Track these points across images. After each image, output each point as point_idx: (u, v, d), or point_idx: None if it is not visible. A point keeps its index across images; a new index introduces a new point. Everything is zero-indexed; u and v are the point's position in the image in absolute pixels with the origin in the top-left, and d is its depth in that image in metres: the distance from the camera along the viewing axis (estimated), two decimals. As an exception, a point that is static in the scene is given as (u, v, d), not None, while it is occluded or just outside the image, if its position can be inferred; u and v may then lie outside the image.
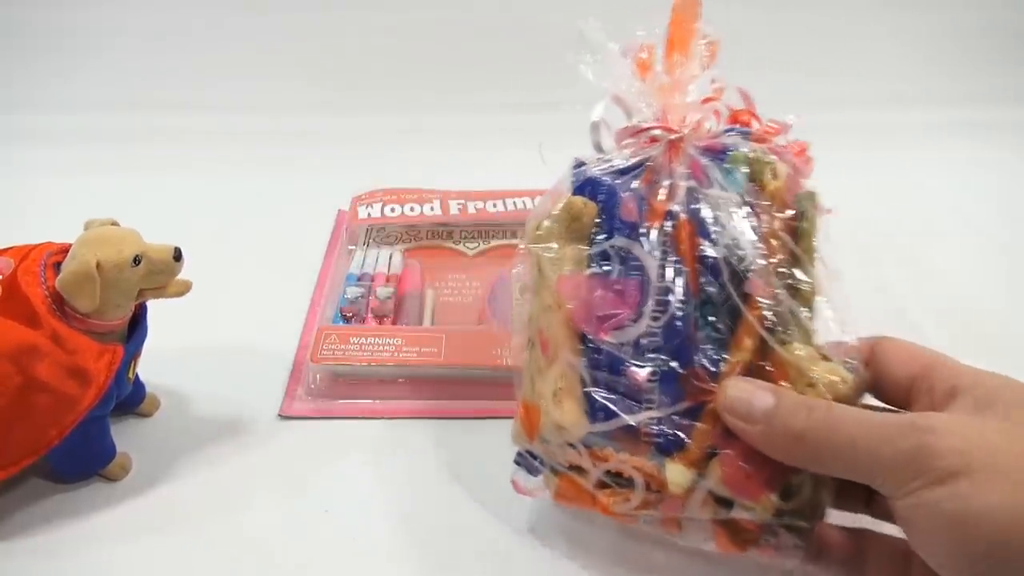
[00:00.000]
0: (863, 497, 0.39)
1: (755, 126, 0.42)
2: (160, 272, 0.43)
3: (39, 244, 0.43)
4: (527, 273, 0.40)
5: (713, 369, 0.35)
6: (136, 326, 0.45)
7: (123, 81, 0.92)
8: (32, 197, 0.75)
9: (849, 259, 0.66)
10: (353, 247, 0.66)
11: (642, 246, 0.37)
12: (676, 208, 0.38)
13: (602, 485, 0.38)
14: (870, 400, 0.37)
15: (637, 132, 0.41)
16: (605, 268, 0.38)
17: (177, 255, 0.43)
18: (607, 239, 0.39)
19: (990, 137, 0.89)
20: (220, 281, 0.61)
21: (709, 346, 0.36)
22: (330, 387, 0.52)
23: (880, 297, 0.63)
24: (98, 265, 0.40)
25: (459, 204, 0.69)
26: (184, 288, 0.45)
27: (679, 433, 0.35)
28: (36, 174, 0.79)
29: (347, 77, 0.94)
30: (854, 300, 0.61)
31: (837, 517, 0.38)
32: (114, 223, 0.44)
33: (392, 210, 0.68)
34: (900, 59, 0.97)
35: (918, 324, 0.59)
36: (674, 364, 0.36)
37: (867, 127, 0.90)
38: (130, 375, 0.45)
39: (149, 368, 0.48)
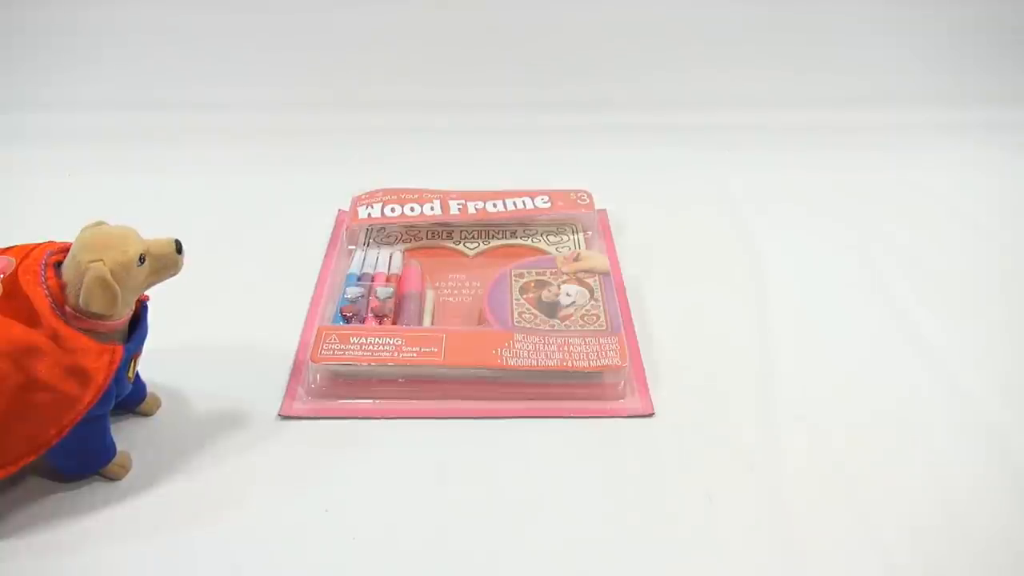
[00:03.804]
0: None
1: None
2: (164, 267, 0.44)
3: (40, 243, 0.43)
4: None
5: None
6: (136, 325, 0.45)
7: (123, 81, 0.93)
8: (32, 197, 0.75)
9: (848, 259, 0.68)
10: (353, 247, 0.66)
11: None
12: None
13: None
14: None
15: None
16: None
17: (178, 247, 0.44)
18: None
19: (990, 137, 0.89)
20: (220, 281, 0.61)
21: None
22: (330, 387, 0.52)
23: (880, 298, 0.63)
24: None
25: (459, 204, 0.69)
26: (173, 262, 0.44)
27: None
28: (36, 174, 0.79)
29: (347, 76, 0.94)
30: (852, 301, 0.62)
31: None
32: (101, 223, 0.44)
33: (392, 210, 0.68)
34: (900, 58, 0.97)
35: (918, 325, 0.60)
36: None
37: (867, 127, 0.90)
38: (130, 374, 0.45)
39: (150, 367, 0.48)
